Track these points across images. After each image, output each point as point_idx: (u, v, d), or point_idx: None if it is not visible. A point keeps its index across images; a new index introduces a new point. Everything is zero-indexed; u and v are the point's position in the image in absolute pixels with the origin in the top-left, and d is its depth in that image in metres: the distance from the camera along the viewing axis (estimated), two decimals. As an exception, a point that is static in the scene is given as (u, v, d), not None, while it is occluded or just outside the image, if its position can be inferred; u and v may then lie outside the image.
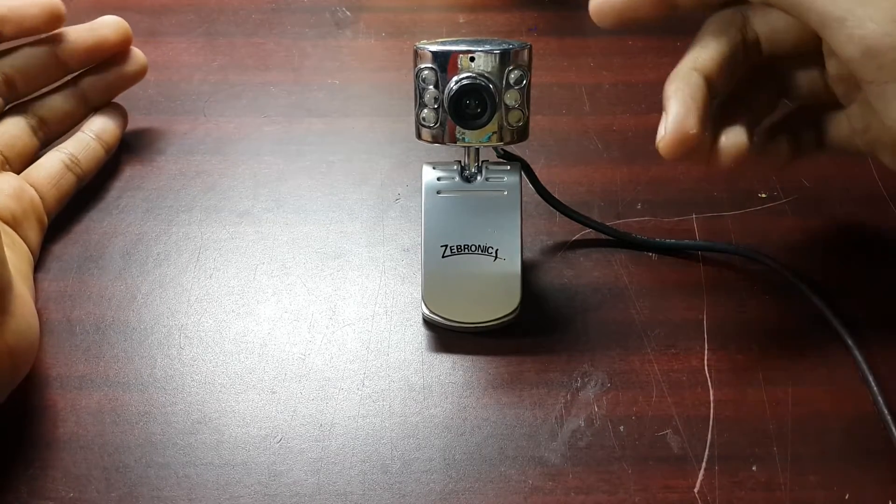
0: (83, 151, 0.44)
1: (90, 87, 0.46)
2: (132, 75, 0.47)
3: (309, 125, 0.49)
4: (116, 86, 0.47)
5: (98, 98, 0.46)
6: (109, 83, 0.46)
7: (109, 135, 0.46)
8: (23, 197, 0.40)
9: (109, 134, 0.46)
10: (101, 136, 0.46)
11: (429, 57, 0.35)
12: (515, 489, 0.34)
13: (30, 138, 0.44)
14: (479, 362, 0.38)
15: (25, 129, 0.43)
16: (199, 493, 0.33)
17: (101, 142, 0.45)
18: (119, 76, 0.46)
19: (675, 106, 0.34)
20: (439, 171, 0.39)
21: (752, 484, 0.34)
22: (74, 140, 0.45)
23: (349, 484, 0.34)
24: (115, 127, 0.47)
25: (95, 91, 0.46)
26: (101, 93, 0.46)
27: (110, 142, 0.46)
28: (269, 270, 0.42)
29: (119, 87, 0.47)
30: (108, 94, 0.47)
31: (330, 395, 0.37)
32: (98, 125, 0.46)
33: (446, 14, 0.57)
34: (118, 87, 0.47)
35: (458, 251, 0.38)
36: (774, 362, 0.38)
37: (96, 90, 0.46)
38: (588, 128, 0.49)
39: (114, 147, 0.46)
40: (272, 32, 0.56)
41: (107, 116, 0.46)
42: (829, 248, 0.42)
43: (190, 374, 0.37)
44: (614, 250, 0.42)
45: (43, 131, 0.44)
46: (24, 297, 0.35)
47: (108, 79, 0.46)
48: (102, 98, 0.47)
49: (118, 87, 0.47)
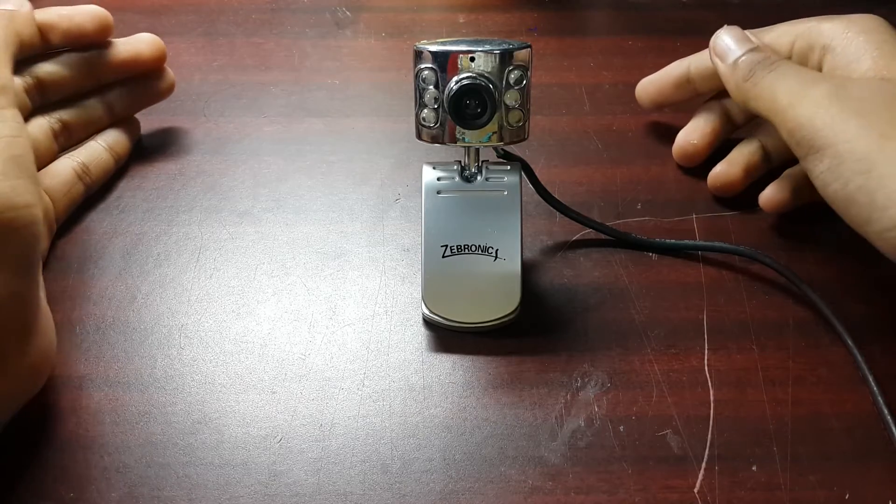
0: (94, 161, 0.44)
1: (117, 99, 0.46)
2: (160, 92, 0.47)
3: (309, 125, 0.49)
4: (143, 101, 0.47)
5: (123, 110, 0.46)
6: (137, 97, 0.47)
7: (121, 146, 0.46)
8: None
9: (121, 146, 0.46)
10: (113, 147, 0.46)
11: (429, 57, 0.35)
12: (515, 489, 0.34)
13: (50, 143, 0.43)
14: (479, 362, 0.38)
15: (47, 132, 0.43)
16: (199, 493, 0.33)
17: (113, 153, 0.45)
18: (147, 92, 0.47)
19: (691, 122, 0.47)
20: (439, 171, 0.39)
21: (752, 484, 0.34)
22: (87, 149, 0.45)
23: (349, 484, 0.34)
24: (127, 139, 0.47)
25: (121, 104, 0.46)
26: (126, 106, 0.46)
27: (121, 153, 0.46)
28: (269, 270, 0.42)
29: (146, 102, 0.47)
30: (134, 107, 0.47)
31: (330, 395, 0.37)
32: (111, 136, 0.46)
33: (446, 14, 0.57)
34: (144, 103, 0.47)
35: (458, 251, 0.38)
36: (774, 362, 0.38)
37: (122, 103, 0.46)
38: (588, 128, 0.49)
39: (124, 158, 0.46)
40: (272, 32, 0.56)
41: (120, 128, 0.46)
42: (830, 248, 0.42)
43: (190, 374, 0.37)
44: (614, 250, 0.42)
45: (64, 136, 0.44)
46: (46, 312, 0.35)
47: (136, 93, 0.46)
48: (127, 111, 0.47)
49: (144, 102, 0.47)
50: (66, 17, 0.43)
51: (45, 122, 0.43)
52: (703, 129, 0.46)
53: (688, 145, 0.46)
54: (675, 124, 0.48)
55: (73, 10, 0.43)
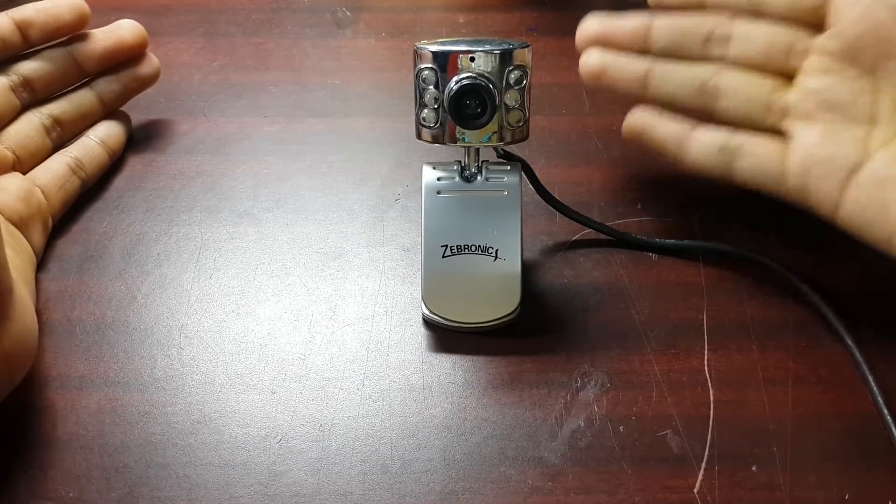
0: (88, 156, 0.45)
1: (105, 89, 0.46)
2: (147, 78, 0.47)
3: (309, 125, 0.49)
4: (131, 88, 0.47)
5: (113, 101, 0.46)
6: (125, 86, 0.46)
7: (114, 140, 0.46)
8: (31, 200, 0.40)
9: (114, 140, 0.46)
10: (105, 141, 0.46)
11: (429, 57, 0.35)
12: (515, 489, 0.34)
13: (43, 139, 0.44)
14: (479, 362, 0.38)
15: (39, 129, 0.43)
16: (199, 493, 0.33)
17: (106, 147, 0.46)
18: (134, 79, 0.47)
19: None
20: (439, 171, 0.39)
21: (752, 484, 0.34)
22: (80, 144, 0.45)
23: (349, 484, 0.34)
24: (120, 133, 0.47)
25: (111, 94, 0.46)
26: (116, 95, 0.46)
27: (114, 147, 0.46)
28: (269, 270, 0.42)
29: (134, 89, 0.47)
30: (123, 96, 0.47)
31: (330, 395, 0.37)
32: (103, 130, 0.46)
33: (446, 14, 0.57)
34: (133, 90, 0.47)
35: (458, 251, 0.38)
36: (774, 362, 0.38)
37: (112, 93, 0.46)
38: (588, 128, 0.49)
39: (118, 153, 0.47)
40: (272, 32, 0.56)
41: (111, 122, 0.47)
42: (830, 248, 0.42)
43: (190, 374, 0.37)
44: (614, 250, 0.42)
45: (56, 132, 0.44)
46: (25, 301, 0.34)
47: (123, 81, 0.46)
48: (117, 101, 0.47)
49: (133, 89, 0.47)
50: (42, 10, 0.43)
51: (37, 118, 0.44)
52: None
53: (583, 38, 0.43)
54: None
55: (48, 4, 0.43)
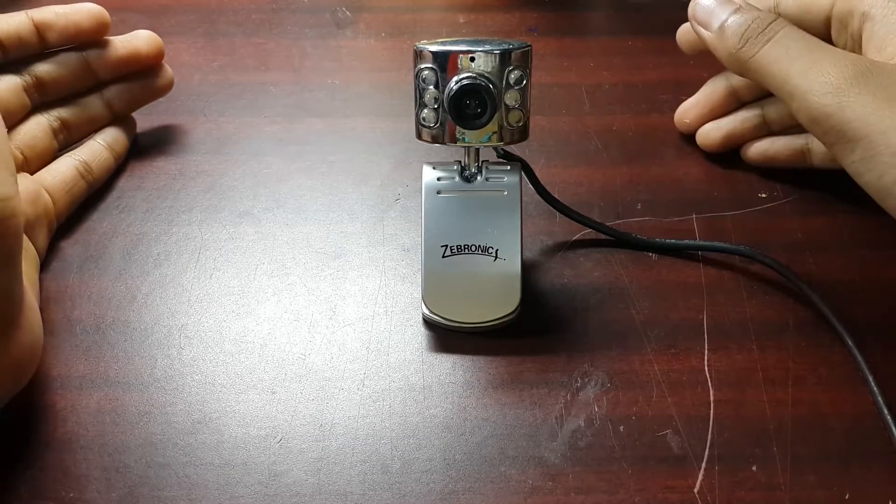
0: (96, 160, 0.45)
1: (116, 96, 0.46)
2: (159, 89, 0.47)
3: (309, 125, 0.49)
4: (142, 98, 0.47)
5: (122, 108, 0.46)
6: (136, 95, 0.46)
7: (120, 144, 0.46)
8: (38, 202, 0.41)
9: (120, 144, 0.46)
10: (112, 145, 0.46)
11: (429, 57, 0.35)
12: (515, 489, 0.34)
13: (50, 140, 0.44)
14: (479, 362, 0.38)
15: (47, 130, 0.43)
16: (199, 493, 0.33)
17: (112, 151, 0.46)
18: (146, 89, 0.46)
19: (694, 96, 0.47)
20: (439, 171, 0.39)
21: (752, 484, 0.34)
22: (87, 148, 0.45)
23: (349, 484, 0.34)
24: (125, 137, 0.47)
25: (121, 101, 0.46)
26: (126, 103, 0.46)
27: (120, 151, 0.46)
28: (269, 270, 0.42)
29: (144, 99, 0.47)
30: (133, 104, 0.47)
31: (330, 395, 0.37)
32: (109, 134, 0.46)
33: (446, 14, 0.57)
34: (143, 100, 0.47)
35: (458, 251, 0.38)
36: (774, 362, 0.38)
37: (122, 100, 0.46)
38: (588, 128, 0.49)
39: (123, 156, 0.46)
40: (272, 32, 0.56)
41: (117, 126, 0.47)
42: (830, 248, 0.42)
43: (190, 374, 0.37)
44: (614, 250, 0.42)
45: (63, 134, 0.44)
46: (33, 307, 0.35)
47: (135, 90, 0.46)
48: (126, 108, 0.47)
49: (144, 99, 0.47)
50: (62, 15, 0.43)
51: (45, 120, 0.44)
52: (700, 109, 0.46)
53: (681, 123, 0.47)
54: (675, 125, 0.48)
55: (69, 9, 0.43)
